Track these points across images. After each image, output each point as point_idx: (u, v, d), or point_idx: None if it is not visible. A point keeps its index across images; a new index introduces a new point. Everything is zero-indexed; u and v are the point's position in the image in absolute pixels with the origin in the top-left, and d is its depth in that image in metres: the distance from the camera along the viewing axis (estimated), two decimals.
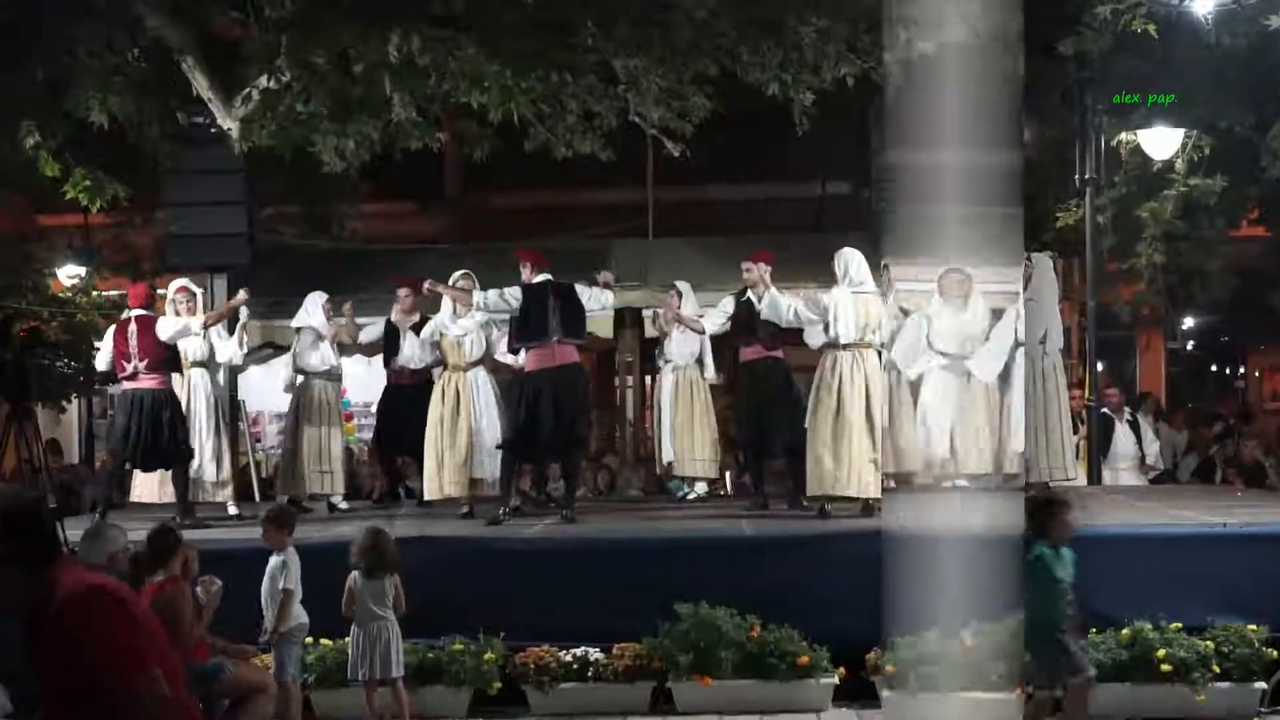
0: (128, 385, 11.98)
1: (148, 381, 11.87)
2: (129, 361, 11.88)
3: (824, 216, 22.97)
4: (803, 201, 23.96)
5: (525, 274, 11.95)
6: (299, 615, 9.14)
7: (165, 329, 11.94)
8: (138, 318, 12.02)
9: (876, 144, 14.22)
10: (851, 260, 11.72)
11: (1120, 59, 14.36)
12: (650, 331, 15.72)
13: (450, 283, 12.26)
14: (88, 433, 22.61)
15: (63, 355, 19.46)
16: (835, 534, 10.76)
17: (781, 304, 11.89)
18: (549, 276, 11.86)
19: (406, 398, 13.06)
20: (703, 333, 13.03)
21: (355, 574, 9.15)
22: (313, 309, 13.18)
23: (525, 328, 11.78)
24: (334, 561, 9.25)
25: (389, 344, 13.31)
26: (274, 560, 9.15)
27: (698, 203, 23.24)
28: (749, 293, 12.43)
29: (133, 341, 11.88)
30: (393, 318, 13.38)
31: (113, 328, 12.28)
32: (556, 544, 10.90)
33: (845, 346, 11.54)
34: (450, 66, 12.17)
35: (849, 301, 11.55)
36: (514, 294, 11.78)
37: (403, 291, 13.41)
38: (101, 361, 12.37)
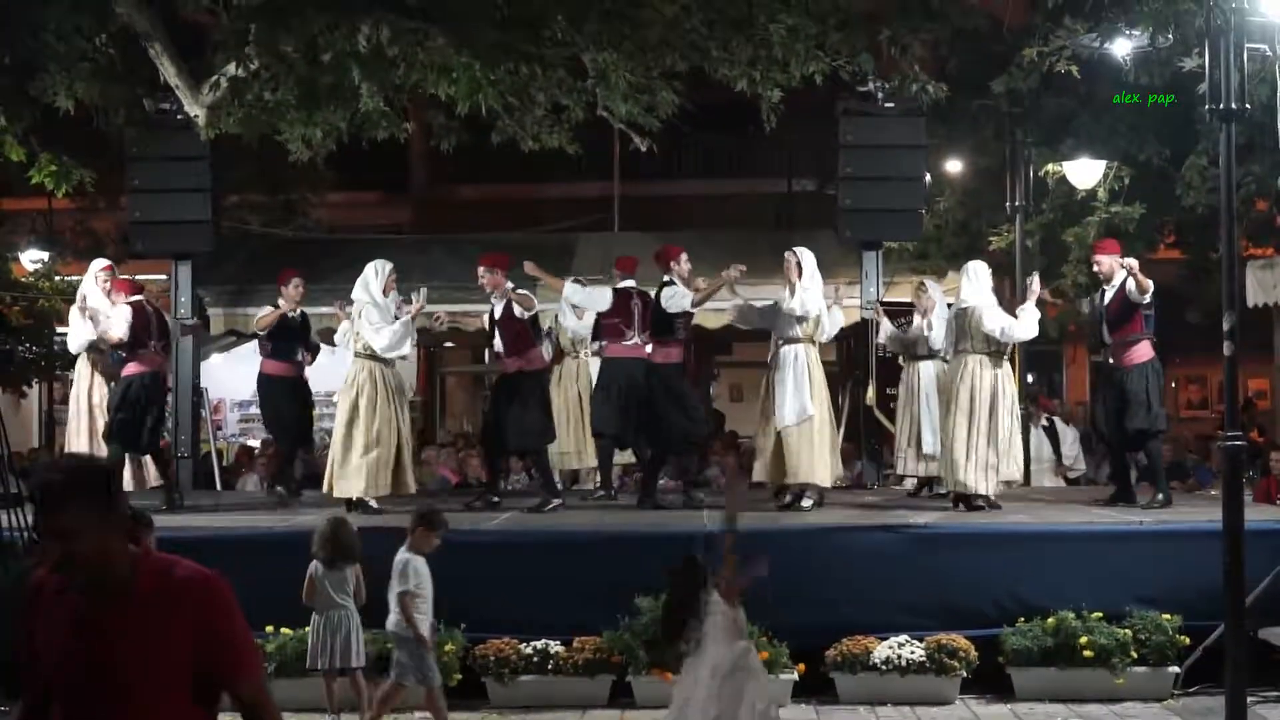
0: (143, 368, 12.20)
1: (161, 361, 12.50)
2: (150, 342, 12.34)
3: (790, 213, 23.05)
4: (769, 198, 24.05)
5: (485, 280, 12.25)
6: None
7: None
8: (151, 300, 12.58)
9: (843, 141, 14.32)
10: (812, 259, 12.01)
11: (1047, 97, 15.49)
12: None
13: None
14: (48, 418, 22.52)
15: (24, 340, 19.43)
16: (795, 530, 10.82)
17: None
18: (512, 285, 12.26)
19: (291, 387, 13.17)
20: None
21: (316, 563, 9.14)
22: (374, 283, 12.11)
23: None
24: (296, 551, 9.24)
25: (278, 333, 13.03)
26: (412, 559, 8.97)
27: (664, 198, 23.34)
28: (622, 283, 12.86)
29: (154, 322, 12.39)
30: (281, 306, 13.06)
31: (127, 309, 12.33)
32: (517, 537, 10.94)
33: (799, 341, 11.85)
34: (419, 57, 12.16)
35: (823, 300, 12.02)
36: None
37: (295, 280, 13.13)
38: (117, 331, 12.31)
